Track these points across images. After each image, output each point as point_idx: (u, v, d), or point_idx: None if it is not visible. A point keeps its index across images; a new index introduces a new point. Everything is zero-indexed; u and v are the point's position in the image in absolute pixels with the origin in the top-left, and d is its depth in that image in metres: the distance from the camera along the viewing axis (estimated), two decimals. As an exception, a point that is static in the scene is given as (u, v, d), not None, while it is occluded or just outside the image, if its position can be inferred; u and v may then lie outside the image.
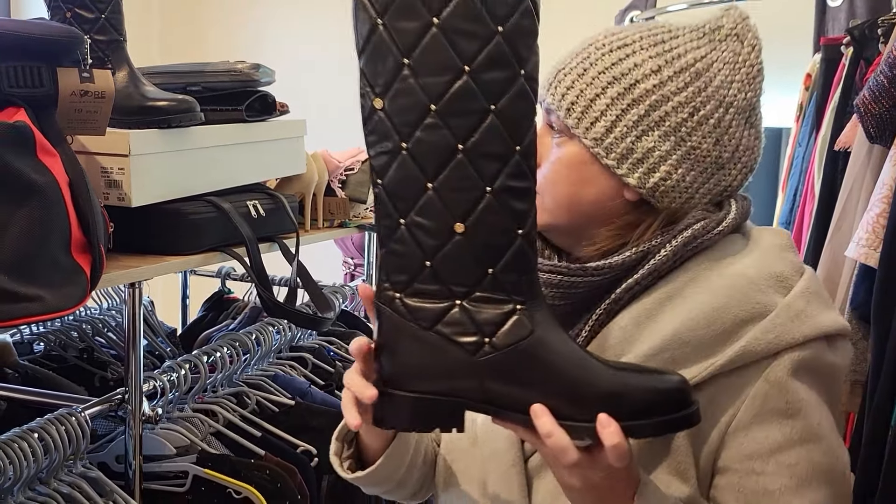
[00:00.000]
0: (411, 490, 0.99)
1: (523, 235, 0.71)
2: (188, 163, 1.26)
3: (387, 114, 0.70)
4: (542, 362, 0.71)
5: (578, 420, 0.70)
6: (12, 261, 0.78)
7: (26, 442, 0.98)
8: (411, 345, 0.73)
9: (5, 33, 0.87)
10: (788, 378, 0.78)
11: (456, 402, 0.73)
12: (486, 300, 0.72)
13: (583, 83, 0.83)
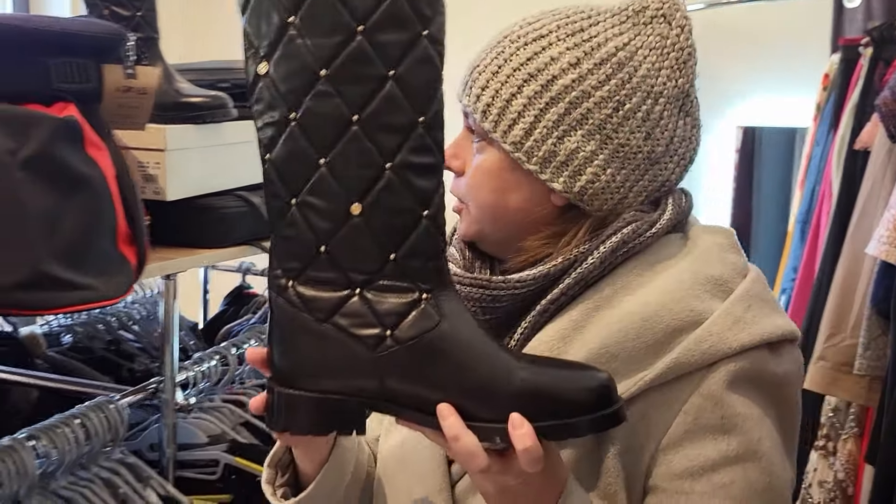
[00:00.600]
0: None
1: (429, 217, 0.64)
2: (220, 158, 1.29)
3: (272, 80, 0.62)
4: (450, 357, 0.64)
5: (489, 421, 0.64)
6: (66, 250, 0.80)
7: (69, 428, 1.01)
8: (306, 339, 0.66)
9: (55, 31, 0.90)
10: (724, 391, 0.72)
11: (355, 401, 0.66)
12: (388, 288, 0.65)
13: (497, 82, 0.76)
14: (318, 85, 0.61)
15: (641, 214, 0.77)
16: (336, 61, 0.61)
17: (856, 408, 1.42)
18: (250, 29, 0.63)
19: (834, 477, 1.43)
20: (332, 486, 0.81)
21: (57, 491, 1.01)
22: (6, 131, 0.79)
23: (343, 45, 0.61)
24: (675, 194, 0.80)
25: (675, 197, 0.80)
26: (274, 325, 0.67)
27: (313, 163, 0.63)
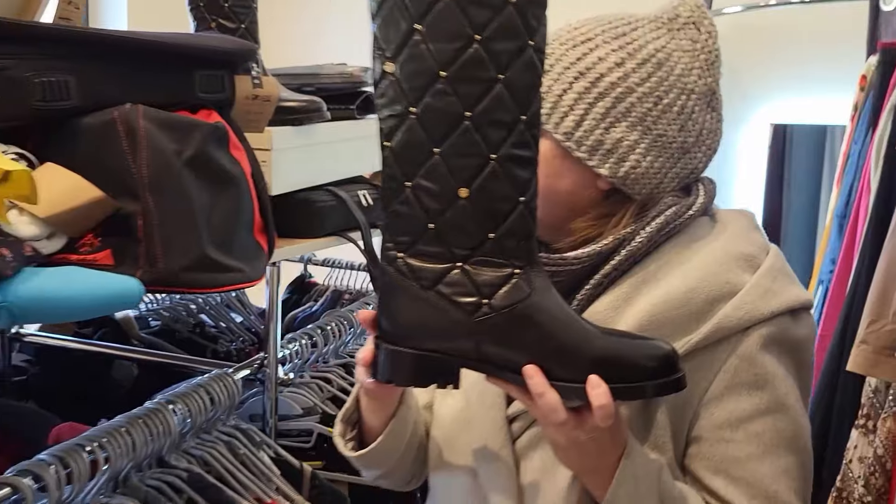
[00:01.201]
0: (406, 475, 1.02)
1: (525, 203, 0.73)
2: (314, 156, 1.42)
3: (397, 78, 0.71)
4: (537, 324, 0.73)
5: (569, 381, 0.73)
6: (219, 238, 0.93)
7: (198, 395, 1.14)
8: (411, 303, 0.74)
9: (200, 47, 1.03)
10: (757, 352, 0.83)
11: (452, 359, 0.75)
12: (486, 263, 0.74)
13: (549, 79, 0.85)
14: (437, 84, 0.71)
15: (678, 199, 0.89)
16: (454, 65, 0.70)
17: (895, 388, 1.52)
18: (380, 33, 0.72)
19: (874, 453, 1.54)
20: (397, 440, 0.93)
21: (188, 450, 1.14)
22: (172, 135, 0.92)
23: (461, 51, 0.70)
24: (704, 182, 0.93)
25: (704, 184, 0.92)
26: (383, 291, 0.77)
27: (428, 151, 0.72)
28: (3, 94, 0.85)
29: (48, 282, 0.74)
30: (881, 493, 1.52)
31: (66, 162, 0.89)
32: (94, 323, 1.71)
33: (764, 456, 0.83)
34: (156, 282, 0.87)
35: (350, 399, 0.97)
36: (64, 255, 0.86)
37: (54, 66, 0.88)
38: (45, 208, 0.83)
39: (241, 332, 1.94)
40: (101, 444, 0.98)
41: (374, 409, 0.93)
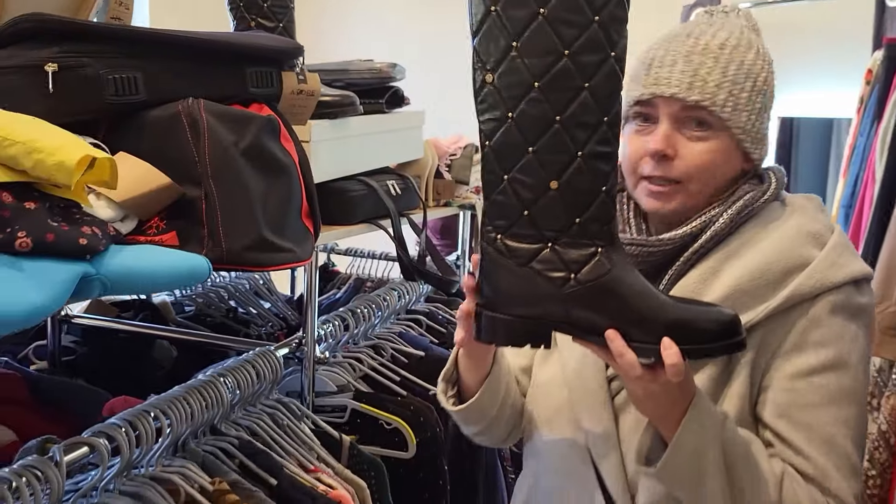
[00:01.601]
0: (502, 432, 1.14)
1: (606, 192, 0.85)
2: (347, 148, 1.50)
3: (496, 87, 0.84)
4: (617, 295, 0.85)
5: (645, 343, 0.85)
6: (273, 222, 1.02)
7: (245, 369, 1.23)
8: (509, 277, 0.87)
9: (251, 45, 1.11)
10: (825, 315, 0.95)
11: (545, 324, 0.88)
12: (572, 244, 0.86)
13: (727, 80, 0.98)
14: (532, 93, 0.83)
15: (754, 186, 1.03)
16: (546, 76, 0.82)
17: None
18: (479, 48, 0.84)
19: (878, 429, 1.62)
20: (492, 397, 1.07)
21: (237, 421, 1.23)
22: (230, 127, 1.00)
23: (553, 65, 0.82)
24: (774, 171, 1.06)
25: (774, 172, 1.06)
26: (484, 266, 0.89)
27: (523, 150, 0.84)
28: (81, 90, 0.94)
29: (133, 258, 0.82)
30: (885, 468, 1.60)
31: (134, 151, 0.97)
32: (134, 307, 1.80)
33: (825, 405, 0.95)
34: (220, 260, 0.95)
35: (449, 361, 1.11)
36: (133, 237, 0.95)
37: (124, 64, 0.97)
38: (119, 193, 0.91)
39: (270, 318, 2.02)
40: (164, 410, 1.06)
41: (470, 368, 1.06)
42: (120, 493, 1.00)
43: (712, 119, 0.99)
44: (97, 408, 1.41)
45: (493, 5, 0.82)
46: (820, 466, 0.94)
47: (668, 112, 1.00)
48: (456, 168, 2.08)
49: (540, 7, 0.81)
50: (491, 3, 0.82)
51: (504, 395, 1.10)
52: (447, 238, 2.94)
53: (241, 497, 1.06)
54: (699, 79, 0.98)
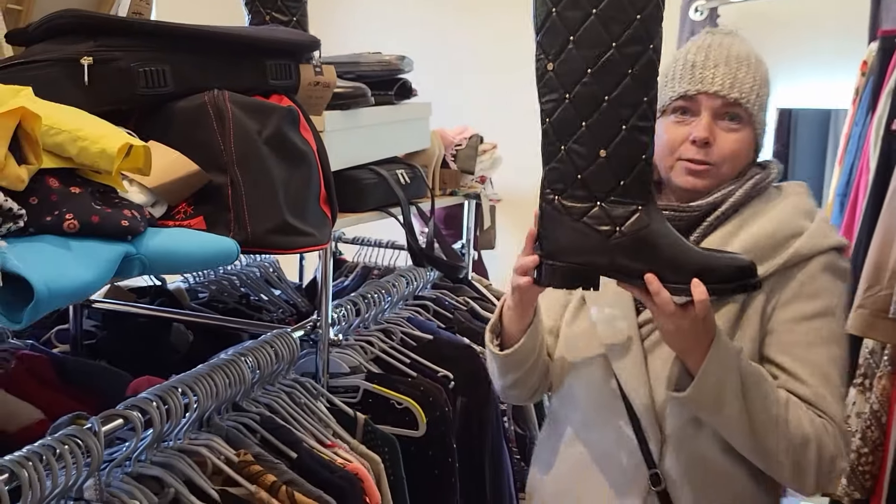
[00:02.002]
0: (535, 382, 1.32)
1: (645, 159, 1.03)
2: (359, 138, 1.56)
3: (556, 74, 1.03)
4: (654, 245, 1.04)
5: (678, 283, 1.04)
6: (295, 207, 1.07)
7: (265, 349, 1.28)
8: (564, 231, 1.05)
9: (271, 39, 1.17)
10: (818, 272, 1.17)
11: (593, 270, 1.06)
12: (617, 202, 1.04)
13: (757, 84, 1.21)
14: (585, 78, 1.02)
15: (759, 171, 1.25)
16: (597, 64, 1.01)
17: (889, 349, 1.65)
18: (543, 42, 1.03)
19: (870, 408, 1.68)
20: (533, 342, 1.26)
21: (257, 399, 1.29)
22: (254, 117, 1.06)
23: (602, 55, 1.01)
24: (774, 163, 1.28)
25: (775, 164, 1.28)
26: (543, 223, 1.08)
27: (578, 124, 1.04)
28: (114, 82, 0.99)
29: (169, 239, 0.88)
30: (877, 445, 1.66)
31: (163, 140, 1.03)
32: (150, 293, 1.85)
33: (820, 345, 1.16)
34: (246, 243, 1.01)
35: (494, 316, 1.29)
36: (163, 222, 1.01)
37: (154, 58, 1.02)
38: (151, 180, 0.97)
39: (281, 304, 2.08)
40: (191, 387, 1.12)
41: (515, 319, 1.23)
42: (152, 463, 1.06)
43: (744, 114, 1.21)
44: (121, 388, 1.46)
45: (553, 7, 1.01)
46: (819, 393, 1.14)
47: (710, 106, 1.21)
48: (461, 158, 2.14)
49: (592, 7, 1.00)
50: (552, 5, 1.01)
51: (540, 345, 1.29)
52: (451, 227, 2.99)
53: (264, 468, 1.12)
54: (738, 81, 1.19)
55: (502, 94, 3.32)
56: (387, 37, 3.47)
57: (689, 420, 1.18)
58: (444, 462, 1.57)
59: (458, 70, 3.49)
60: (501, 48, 3.33)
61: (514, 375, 1.30)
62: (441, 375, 1.68)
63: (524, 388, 1.33)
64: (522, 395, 1.35)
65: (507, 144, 2.41)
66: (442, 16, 3.51)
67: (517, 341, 1.25)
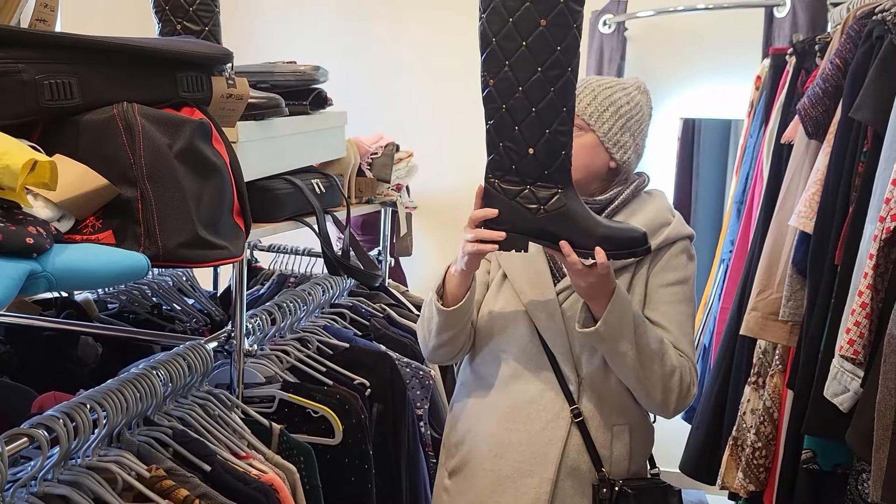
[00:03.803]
0: (463, 341, 1.56)
1: (564, 154, 1.32)
2: (273, 148, 1.56)
3: (495, 89, 1.29)
4: (570, 218, 1.34)
5: (586, 248, 1.34)
6: (207, 220, 1.07)
7: (177, 362, 1.28)
8: (502, 207, 1.34)
9: (182, 51, 1.16)
10: (678, 253, 1.52)
11: (525, 237, 1.35)
12: (542, 186, 1.33)
13: (600, 106, 1.50)
14: (517, 94, 1.28)
15: (636, 177, 1.58)
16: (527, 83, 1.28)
17: (780, 349, 1.76)
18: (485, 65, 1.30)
19: (763, 405, 1.78)
20: (470, 305, 1.51)
21: (169, 412, 1.28)
22: (164, 130, 1.05)
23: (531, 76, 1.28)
24: (646, 174, 1.61)
25: (646, 175, 1.61)
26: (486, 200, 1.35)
27: (513, 128, 1.31)
28: (18, 95, 0.97)
29: (76, 256, 0.87)
30: (769, 440, 1.77)
31: (70, 153, 1.01)
32: (56, 305, 1.80)
33: (678, 304, 1.52)
34: (156, 257, 1.00)
35: (439, 283, 1.51)
36: (70, 236, 0.99)
37: (60, 70, 1.00)
38: (57, 194, 0.95)
39: (195, 314, 2.05)
40: (100, 402, 1.10)
41: (460, 282, 1.47)
42: (58, 482, 1.04)
43: (583, 125, 1.51)
44: (26, 405, 1.42)
45: (493, 38, 1.27)
46: (678, 338, 1.50)
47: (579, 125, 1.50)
48: (377, 167, 2.16)
49: (523, 41, 1.26)
50: (493, 36, 1.27)
51: (471, 313, 1.54)
52: (369, 233, 3.01)
53: (176, 482, 1.12)
54: (578, 98, 1.44)
55: (418, 103, 3.35)
56: (301, 45, 3.46)
57: (599, 366, 1.50)
58: (361, 469, 1.59)
59: (374, 79, 3.50)
60: (418, 58, 3.37)
61: (450, 332, 1.52)
62: (357, 383, 1.70)
63: (454, 346, 1.56)
64: (451, 352, 1.58)
65: (422, 152, 2.45)
66: (357, 24, 3.52)
67: (460, 300, 1.48)
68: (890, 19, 1.35)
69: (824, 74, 1.59)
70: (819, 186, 1.55)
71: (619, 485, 1.51)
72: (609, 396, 1.52)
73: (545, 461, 1.51)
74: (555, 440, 1.51)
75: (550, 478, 1.50)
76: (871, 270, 1.17)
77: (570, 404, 1.51)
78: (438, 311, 1.50)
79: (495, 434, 1.55)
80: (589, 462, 1.52)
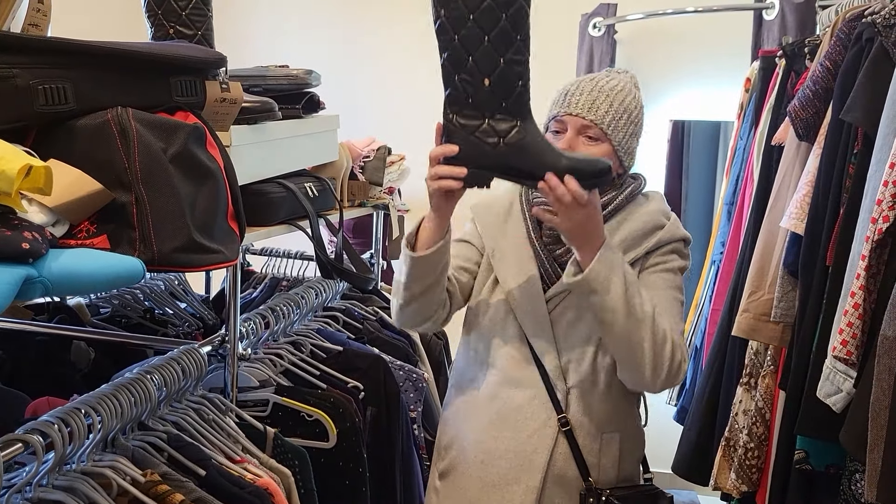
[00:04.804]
0: (435, 303, 1.49)
1: (522, 84, 1.27)
2: (266, 152, 1.56)
3: (447, 19, 1.23)
4: (531, 152, 1.30)
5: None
6: (202, 224, 1.07)
7: (171, 366, 1.27)
8: (462, 143, 1.29)
9: (175, 56, 1.16)
10: (669, 253, 1.52)
11: (487, 172, 1.31)
12: (501, 119, 1.28)
13: (613, 111, 1.47)
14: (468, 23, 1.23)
15: (632, 181, 1.56)
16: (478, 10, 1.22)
17: (772, 350, 1.77)
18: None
19: (755, 406, 1.79)
20: (442, 256, 1.44)
21: (163, 416, 1.27)
22: (159, 135, 1.05)
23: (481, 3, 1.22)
24: (641, 176, 1.59)
25: (642, 177, 1.59)
26: (446, 136, 1.30)
27: (466, 59, 1.25)
28: (12, 100, 0.97)
29: (72, 261, 0.87)
30: (762, 440, 1.78)
31: (65, 158, 1.01)
32: (48, 310, 1.79)
33: (667, 289, 1.51)
34: (152, 261, 1.00)
35: (411, 230, 1.45)
36: (64, 241, 0.99)
37: (54, 75, 1.01)
38: (52, 199, 0.95)
39: (187, 318, 2.05)
40: (94, 407, 1.10)
41: (431, 229, 1.41)
42: (53, 487, 1.03)
43: (600, 134, 1.46)
44: (19, 410, 1.42)
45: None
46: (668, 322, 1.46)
47: (574, 125, 1.47)
48: (369, 170, 2.16)
49: None
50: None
51: (446, 265, 1.47)
52: (361, 237, 3.00)
53: (171, 487, 1.11)
54: (595, 106, 1.46)
55: (410, 107, 3.36)
56: (294, 49, 3.45)
57: (587, 374, 1.50)
58: (355, 472, 1.58)
59: (366, 82, 3.50)
60: (410, 61, 3.37)
61: (420, 284, 1.45)
62: (351, 386, 1.70)
63: (425, 305, 1.48)
64: (421, 312, 1.50)
65: (414, 156, 2.45)
66: (350, 28, 3.52)
67: (430, 248, 1.42)
68: (879, 22, 1.36)
69: (814, 77, 1.60)
70: (810, 188, 1.56)
71: (607, 495, 1.49)
72: (598, 405, 1.51)
73: (531, 469, 1.50)
74: (541, 448, 1.50)
75: (536, 486, 1.50)
76: (864, 272, 1.18)
77: (558, 413, 1.50)
78: (408, 259, 1.44)
79: (482, 441, 1.54)
80: (576, 470, 1.51)
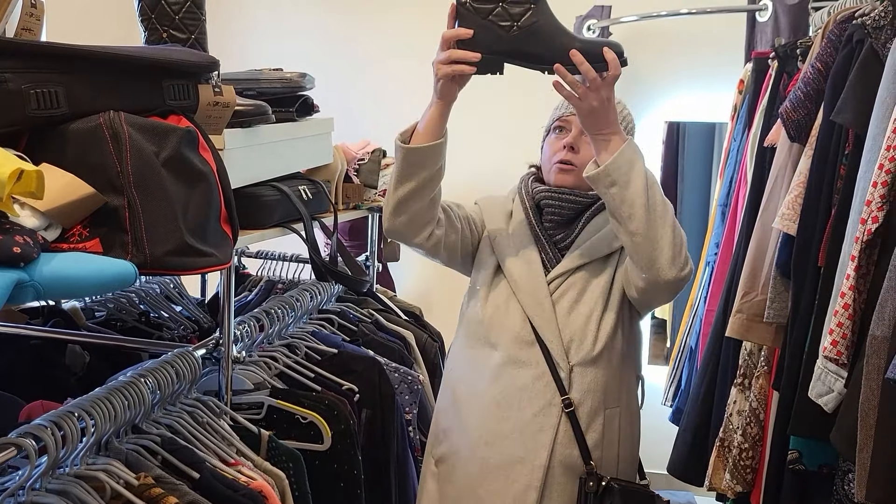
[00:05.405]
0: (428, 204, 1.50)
1: None
2: (260, 155, 1.56)
3: None
4: (545, 35, 1.33)
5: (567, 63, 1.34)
6: (195, 228, 1.07)
7: (165, 370, 1.28)
8: (475, 27, 1.34)
9: (168, 60, 1.17)
10: None
11: (500, 58, 1.35)
12: (514, 3, 1.33)
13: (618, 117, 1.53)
14: None
15: None
16: None
17: (766, 350, 1.78)
18: None
19: (749, 406, 1.79)
20: (438, 157, 1.46)
21: (157, 420, 1.28)
22: (151, 138, 1.05)
23: None
24: None
25: None
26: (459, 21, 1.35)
27: None
28: (4, 104, 0.97)
29: (63, 264, 0.87)
30: (756, 441, 1.78)
31: (57, 162, 1.01)
32: (43, 313, 1.79)
33: None
34: (144, 265, 1.01)
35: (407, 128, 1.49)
36: (57, 245, 0.99)
37: (46, 79, 1.01)
38: (44, 203, 0.95)
39: (182, 321, 2.05)
40: (88, 411, 1.10)
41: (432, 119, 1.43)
42: (46, 491, 1.04)
43: None
44: (12, 414, 1.42)
45: None
46: None
47: (577, 124, 1.56)
48: (364, 172, 2.16)
49: None
50: None
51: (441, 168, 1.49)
52: (356, 239, 3.01)
53: (165, 490, 1.12)
54: None
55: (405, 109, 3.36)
56: (288, 52, 3.46)
57: (588, 354, 1.56)
58: (350, 474, 1.59)
59: (360, 85, 3.51)
60: (405, 64, 3.37)
61: (413, 182, 1.46)
62: (346, 389, 1.70)
63: (417, 206, 1.49)
64: (413, 218, 1.51)
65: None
66: (344, 32, 3.52)
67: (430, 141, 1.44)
68: (870, 23, 1.37)
69: (806, 78, 1.61)
70: (802, 189, 1.57)
71: (607, 480, 1.52)
72: (600, 381, 1.56)
73: (537, 448, 1.54)
74: (546, 427, 1.54)
75: (542, 464, 1.53)
76: (854, 272, 1.19)
77: (562, 394, 1.54)
78: (401, 152, 1.45)
79: (486, 422, 1.58)
80: (578, 453, 1.54)
